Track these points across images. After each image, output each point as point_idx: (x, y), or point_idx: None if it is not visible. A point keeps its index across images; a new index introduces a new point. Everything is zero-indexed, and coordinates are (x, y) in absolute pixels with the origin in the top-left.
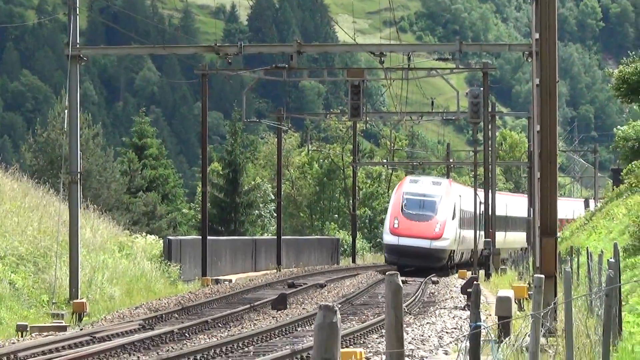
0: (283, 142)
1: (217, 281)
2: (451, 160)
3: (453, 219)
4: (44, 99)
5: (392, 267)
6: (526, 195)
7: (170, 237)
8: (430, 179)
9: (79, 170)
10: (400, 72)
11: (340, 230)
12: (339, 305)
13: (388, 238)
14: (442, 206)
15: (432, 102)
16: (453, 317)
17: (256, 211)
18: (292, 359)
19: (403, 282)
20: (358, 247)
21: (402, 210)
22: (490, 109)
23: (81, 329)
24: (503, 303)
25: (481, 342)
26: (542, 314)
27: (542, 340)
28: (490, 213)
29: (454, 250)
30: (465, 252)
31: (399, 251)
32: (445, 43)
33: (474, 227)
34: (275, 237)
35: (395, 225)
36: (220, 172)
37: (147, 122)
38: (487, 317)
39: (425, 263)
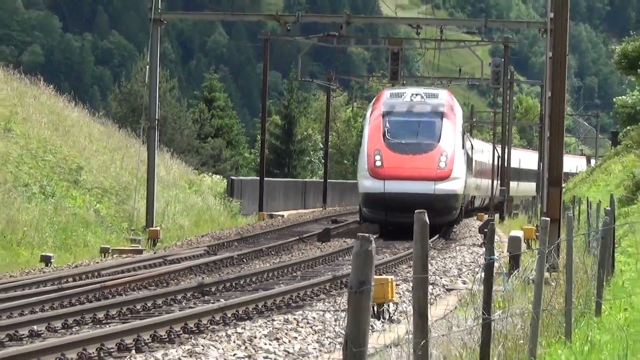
0: (332, 99)
1: (271, 216)
2: (474, 120)
3: (463, 147)
4: (128, 56)
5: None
6: (536, 151)
7: (232, 177)
8: (421, 90)
9: (156, 118)
10: (433, 42)
11: None
12: (375, 236)
13: (367, 183)
14: (446, 128)
15: (460, 70)
16: (471, 253)
17: (307, 157)
18: (333, 283)
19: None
20: None
21: (384, 139)
22: (509, 77)
23: (155, 253)
24: (514, 242)
25: (494, 274)
26: (546, 251)
27: (546, 274)
28: (505, 165)
29: (470, 197)
30: (477, 199)
31: (386, 202)
32: (473, 19)
33: (491, 177)
34: (322, 180)
35: (378, 163)
36: (278, 123)
37: (216, 79)
38: (499, 254)
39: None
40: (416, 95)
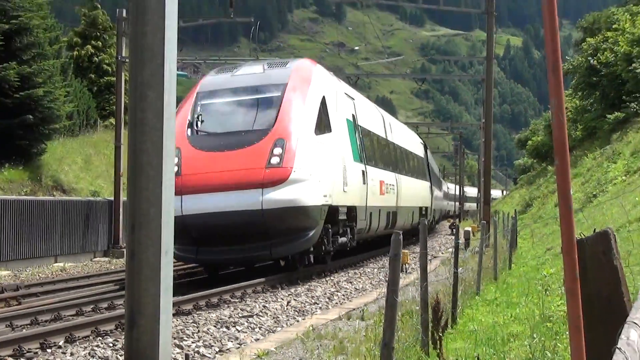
0: None
1: None
2: (444, 172)
3: (324, 131)
4: None
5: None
6: (476, 187)
7: None
8: (264, 61)
9: None
10: (425, 135)
11: None
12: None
13: None
14: (291, 106)
15: (438, 147)
16: (445, 238)
17: None
18: (377, 254)
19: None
20: None
21: (189, 132)
22: (462, 151)
23: None
24: (467, 233)
25: (458, 249)
26: (484, 237)
27: (484, 249)
28: (462, 194)
29: (436, 211)
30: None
31: (189, 231)
32: (444, 122)
33: (454, 201)
34: None
35: (177, 170)
36: None
37: None
38: (461, 239)
39: (254, 251)
40: (254, 67)
